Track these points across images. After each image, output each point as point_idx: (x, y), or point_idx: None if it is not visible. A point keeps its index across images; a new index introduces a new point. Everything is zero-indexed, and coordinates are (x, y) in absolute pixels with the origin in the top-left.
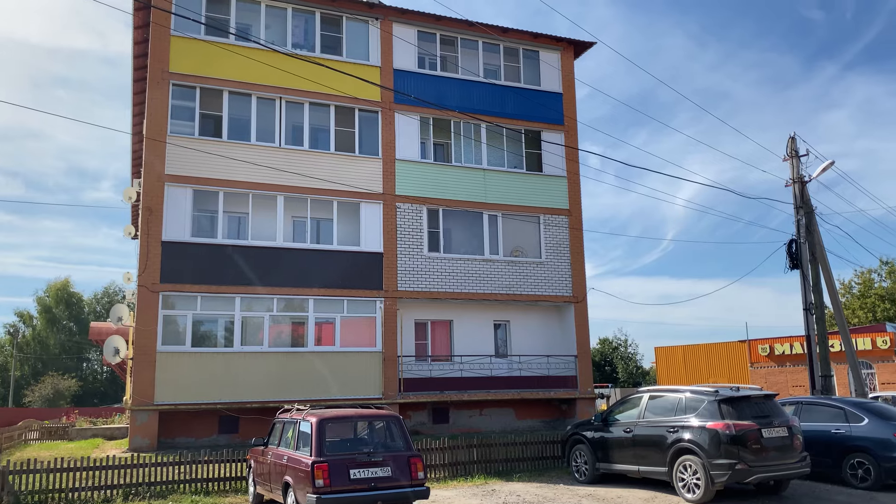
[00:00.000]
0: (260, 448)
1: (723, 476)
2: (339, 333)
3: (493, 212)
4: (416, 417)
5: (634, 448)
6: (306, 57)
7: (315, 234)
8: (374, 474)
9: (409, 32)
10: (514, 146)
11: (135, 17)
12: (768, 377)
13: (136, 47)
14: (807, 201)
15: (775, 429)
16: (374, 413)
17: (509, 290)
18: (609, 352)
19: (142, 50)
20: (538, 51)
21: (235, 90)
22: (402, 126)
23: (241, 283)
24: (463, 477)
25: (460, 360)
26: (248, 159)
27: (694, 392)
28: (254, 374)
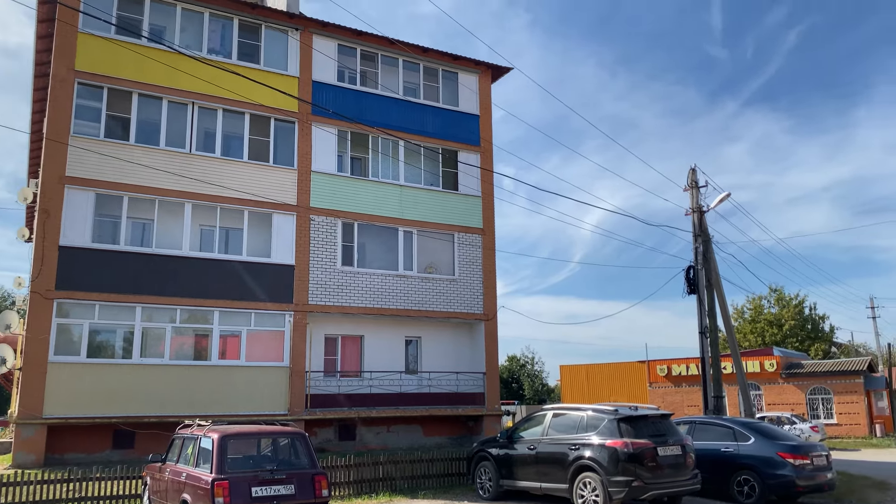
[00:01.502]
0: (157, 464)
1: (620, 493)
2: (244, 347)
3: (409, 228)
4: (322, 434)
5: (537, 465)
6: (222, 63)
7: (224, 244)
8: (276, 492)
9: (329, 45)
10: (431, 164)
11: (39, 10)
12: (665, 397)
13: (39, 41)
14: (704, 230)
15: (670, 447)
16: (279, 430)
17: (422, 307)
18: (517, 369)
19: (46, 45)
20: (457, 72)
21: (146, 93)
22: (319, 138)
23: (143, 293)
24: (368, 494)
25: (370, 376)
26: (156, 164)
27: (595, 410)
28: (153, 388)
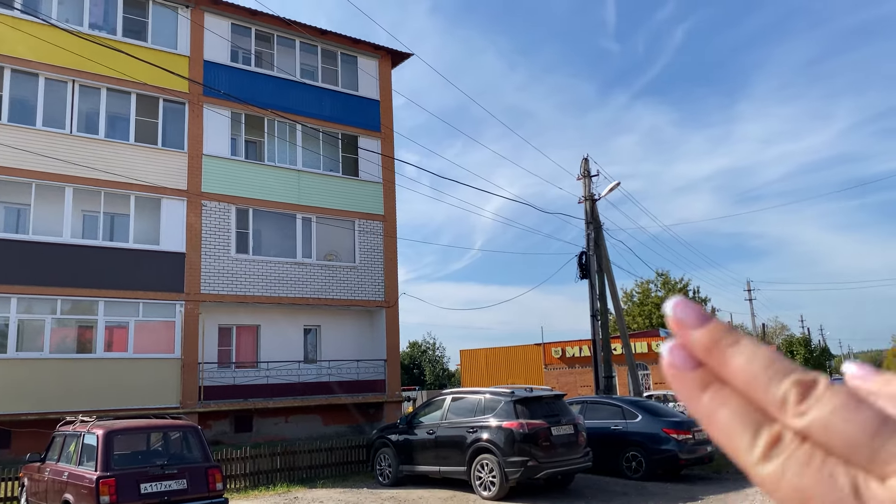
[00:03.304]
0: (36, 464)
1: (516, 473)
2: (132, 338)
3: (307, 214)
4: (217, 427)
5: (437, 449)
6: (105, 40)
7: (109, 231)
8: (167, 488)
9: (222, 24)
10: (330, 149)
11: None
12: (560, 378)
13: None
14: (596, 217)
15: (563, 427)
16: (169, 423)
17: (321, 295)
18: (418, 355)
19: None
20: (356, 56)
21: (19, 69)
22: (211, 120)
23: (19, 282)
24: (266, 486)
25: (267, 366)
26: (32, 146)
27: (493, 393)
28: (32, 383)
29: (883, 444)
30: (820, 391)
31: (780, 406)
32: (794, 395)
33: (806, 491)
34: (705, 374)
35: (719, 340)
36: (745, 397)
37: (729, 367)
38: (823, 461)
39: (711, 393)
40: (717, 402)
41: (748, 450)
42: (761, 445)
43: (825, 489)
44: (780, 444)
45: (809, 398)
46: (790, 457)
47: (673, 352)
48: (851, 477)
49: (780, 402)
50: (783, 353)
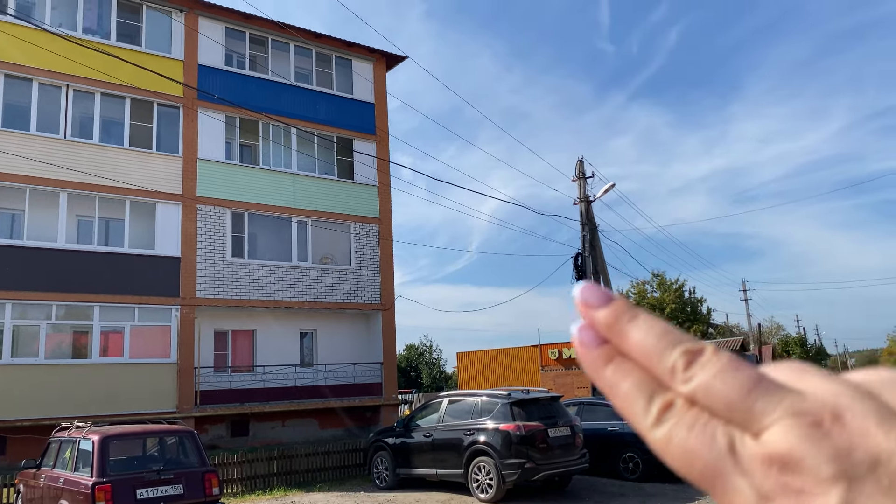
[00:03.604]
0: (31, 470)
1: (513, 475)
2: (128, 343)
3: (303, 218)
4: (213, 431)
5: (434, 452)
6: (99, 45)
7: (104, 236)
8: (163, 493)
9: (216, 29)
10: (325, 153)
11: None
12: (557, 379)
13: None
14: (591, 219)
15: (560, 428)
16: (166, 429)
17: (317, 298)
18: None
19: None
20: (351, 59)
21: (13, 73)
22: (205, 124)
23: (13, 288)
24: (263, 490)
25: (263, 370)
26: (26, 151)
27: (489, 396)
28: (27, 389)
29: (756, 401)
30: (705, 358)
31: (670, 374)
32: (681, 362)
33: (690, 451)
34: (609, 350)
35: (620, 317)
36: (643, 369)
37: (628, 341)
38: (706, 423)
39: (613, 366)
40: (619, 375)
41: (643, 416)
42: (654, 412)
43: (706, 448)
44: (670, 410)
45: (695, 365)
46: (678, 421)
47: (580, 331)
48: (729, 435)
49: (671, 371)
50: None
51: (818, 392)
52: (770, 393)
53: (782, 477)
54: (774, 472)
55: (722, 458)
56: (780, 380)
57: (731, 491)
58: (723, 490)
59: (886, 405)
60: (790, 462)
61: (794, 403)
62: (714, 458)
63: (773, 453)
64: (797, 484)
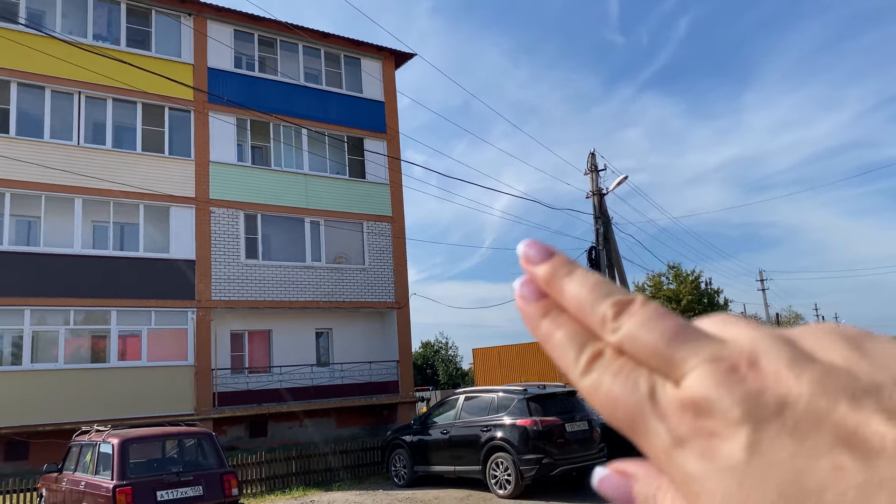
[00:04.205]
0: (53, 475)
1: (531, 471)
2: (146, 347)
3: (315, 218)
4: (232, 432)
5: (451, 449)
6: (109, 51)
7: (119, 241)
8: (183, 495)
9: (224, 31)
10: (336, 153)
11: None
12: None
13: None
14: (604, 212)
15: (577, 423)
16: (184, 431)
17: (332, 298)
18: (431, 355)
19: None
20: (360, 58)
21: (26, 82)
22: (217, 127)
23: (32, 294)
24: (281, 490)
25: (280, 370)
26: (41, 158)
27: (506, 391)
28: (48, 394)
29: (677, 349)
30: (634, 308)
31: (601, 324)
32: (611, 312)
33: (614, 398)
34: (547, 304)
35: (557, 272)
36: (577, 321)
37: (564, 294)
38: (631, 371)
39: (550, 319)
40: (553, 326)
41: (574, 366)
42: (583, 361)
43: (628, 395)
44: (599, 360)
45: (624, 315)
46: (605, 370)
47: (521, 286)
48: (651, 382)
49: (601, 321)
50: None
51: (739, 339)
52: (692, 340)
53: (696, 421)
54: (689, 416)
55: (642, 404)
56: (706, 329)
57: (649, 435)
58: (643, 435)
59: (802, 350)
60: (704, 406)
61: (714, 350)
62: (635, 404)
63: (688, 398)
64: (709, 427)
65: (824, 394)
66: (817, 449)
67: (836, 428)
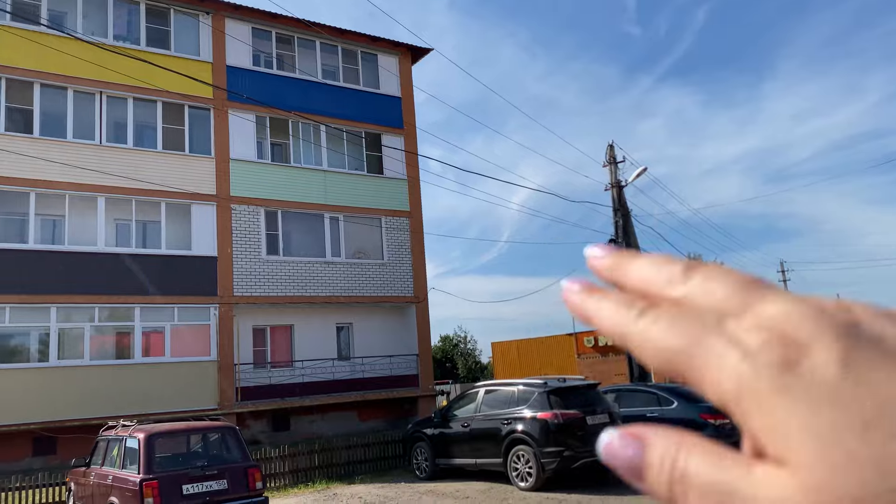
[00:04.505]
0: (81, 469)
1: (552, 463)
2: (169, 343)
3: (334, 214)
4: (255, 426)
5: (472, 442)
6: (130, 50)
7: (141, 238)
8: (208, 488)
9: (242, 29)
10: (354, 148)
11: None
12: (593, 367)
13: None
14: (624, 204)
15: (598, 415)
16: (208, 425)
17: (352, 293)
18: (450, 349)
19: None
20: (377, 54)
21: (48, 83)
22: (236, 125)
23: (58, 292)
24: (305, 484)
25: (301, 365)
26: (64, 158)
27: (526, 385)
28: (74, 390)
29: (754, 291)
30: (703, 266)
31: (667, 283)
32: (678, 270)
33: (674, 332)
34: (591, 285)
35: (622, 260)
36: (640, 292)
37: (629, 275)
38: (694, 311)
39: (598, 295)
40: (602, 298)
41: (626, 314)
42: (637, 308)
43: (689, 328)
44: (653, 309)
45: (692, 271)
46: (663, 312)
47: (569, 281)
48: (718, 315)
49: (667, 280)
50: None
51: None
52: (771, 287)
53: (780, 342)
54: (770, 337)
55: (707, 333)
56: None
57: (712, 364)
58: (704, 365)
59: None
60: (789, 328)
61: (796, 296)
62: (698, 334)
63: (769, 319)
64: (797, 343)
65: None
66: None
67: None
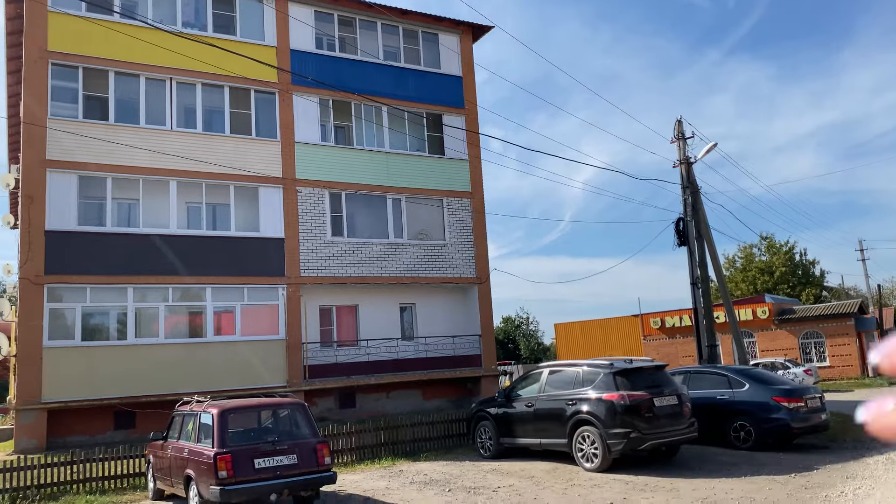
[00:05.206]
0: (159, 442)
1: (619, 444)
2: (239, 322)
3: (397, 195)
4: (322, 404)
5: (536, 422)
6: (198, 36)
7: (211, 221)
8: (279, 463)
9: (305, 12)
10: (415, 129)
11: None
12: (660, 349)
13: (8, 23)
14: (692, 181)
15: (666, 397)
16: (278, 401)
17: (414, 273)
18: (512, 330)
19: (16, 26)
20: (437, 34)
21: (122, 70)
22: (300, 108)
23: (134, 273)
24: (370, 460)
25: (366, 344)
26: (137, 143)
27: (591, 365)
28: (150, 367)
29: None
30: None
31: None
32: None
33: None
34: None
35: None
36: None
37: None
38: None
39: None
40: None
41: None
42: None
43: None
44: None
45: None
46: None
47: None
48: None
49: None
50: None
51: None
52: None
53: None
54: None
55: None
56: None
57: None
58: None
59: None
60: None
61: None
62: None
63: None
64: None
65: None
66: None
67: None
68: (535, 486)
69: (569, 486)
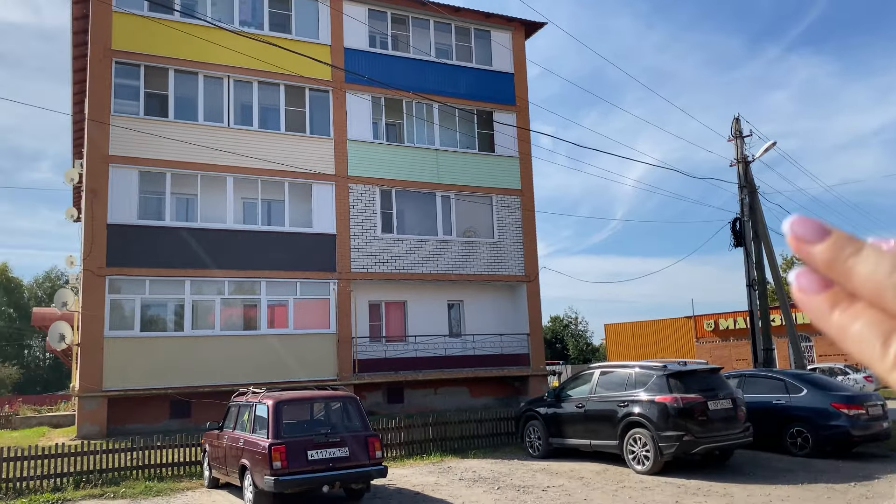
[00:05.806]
0: (215, 432)
1: (671, 447)
2: (292, 315)
3: (446, 192)
4: (371, 398)
5: (586, 423)
6: (255, 35)
7: (266, 216)
8: (332, 454)
9: (359, 10)
10: (466, 126)
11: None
12: (713, 351)
13: (75, 23)
14: (750, 181)
15: (720, 401)
16: (331, 394)
17: (463, 271)
18: (560, 329)
19: (81, 26)
20: (490, 31)
21: (181, 69)
22: (353, 106)
23: (191, 266)
24: (419, 455)
25: (415, 340)
26: (195, 140)
27: (643, 367)
28: (206, 358)
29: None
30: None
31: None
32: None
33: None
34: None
35: (840, 252)
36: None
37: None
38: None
39: (840, 309)
40: (847, 318)
41: (880, 359)
42: (892, 353)
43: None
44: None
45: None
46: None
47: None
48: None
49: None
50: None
51: None
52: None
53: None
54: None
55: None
56: None
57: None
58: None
59: None
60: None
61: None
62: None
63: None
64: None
65: None
66: None
67: None
68: (584, 487)
69: (619, 487)
